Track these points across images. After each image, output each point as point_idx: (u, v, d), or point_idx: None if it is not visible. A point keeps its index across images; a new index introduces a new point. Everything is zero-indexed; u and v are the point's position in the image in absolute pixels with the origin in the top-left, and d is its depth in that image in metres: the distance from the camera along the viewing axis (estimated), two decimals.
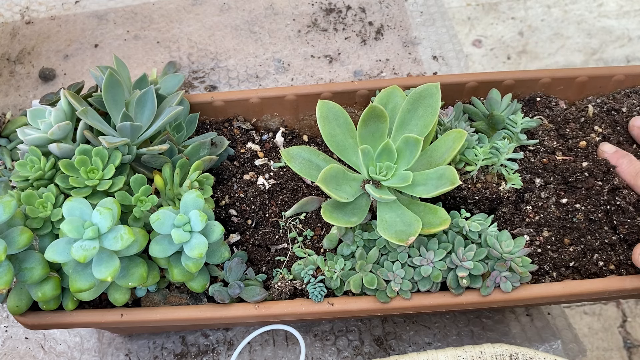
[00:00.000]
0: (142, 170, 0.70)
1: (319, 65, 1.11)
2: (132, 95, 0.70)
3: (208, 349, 0.84)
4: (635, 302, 0.88)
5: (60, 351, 0.85)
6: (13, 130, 0.93)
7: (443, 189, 0.59)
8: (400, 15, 1.18)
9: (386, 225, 0.62)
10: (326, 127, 0.67)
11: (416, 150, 0.61)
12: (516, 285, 0.64)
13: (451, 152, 0.63)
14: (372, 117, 0.64)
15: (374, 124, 0.65)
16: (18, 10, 1.23)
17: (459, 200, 0.70)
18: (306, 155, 0.67)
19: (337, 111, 0.67)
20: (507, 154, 0.68)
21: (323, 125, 0.66)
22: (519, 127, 0.72)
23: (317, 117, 0.66)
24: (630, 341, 0.85)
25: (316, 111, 0.66)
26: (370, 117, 0.64)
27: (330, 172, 0.62)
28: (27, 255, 0.61)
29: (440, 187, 0.60)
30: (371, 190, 0.61)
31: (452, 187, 0.59)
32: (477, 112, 0.76)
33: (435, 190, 0.60)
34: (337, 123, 0.67)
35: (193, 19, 1.19)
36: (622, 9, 1.16)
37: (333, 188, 0.62)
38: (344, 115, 0.67)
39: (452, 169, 0.60)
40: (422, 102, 0.65)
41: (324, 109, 0.67)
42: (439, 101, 0.65)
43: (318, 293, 0.65)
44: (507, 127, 0.74)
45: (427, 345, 0.83)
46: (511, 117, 0.73)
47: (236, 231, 0.73)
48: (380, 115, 0.64)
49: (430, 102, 0.65)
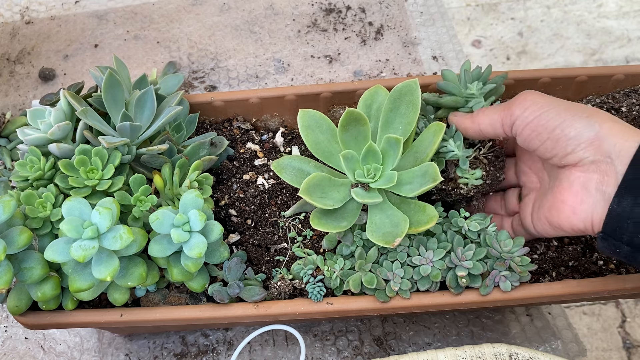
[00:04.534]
0: (142, 170, 0.70)
1: (319, 65, 1.11)
2: (132, 96, 0.70)
3: (208, 349, 0.84)
4: (635, 302, 0.88)
5: (60, 351, 0.85)
6: (13, 130, 0.93)
7: (427, 186, 0.59)
8: (400, 16, 1.18)
9: (375, 227, 0.62)
10: (309, 136, 0.67)
11: (398, 150, 0.61)
12: (516, 285, 0.64)
13: (432, 147, 0.62)
14: (351, 122, 0.64)
15: (355, 128, 0.65)
16: (18, 10, 1.23)
17: (444, 195, 0.69)
18: (296, 165, 0.67)
19: (318, 118, 0.67)
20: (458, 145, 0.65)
21: (306, 134, 0.66)
22: (477, 98, 0.67)
23: (299, 127, 0.66)
24: (629, 341, 0.85)
25: (298, 121, 0.66)
26: (349, 121, 0.64)
27: (313, 182, 0.62)
28: (26, 255, 0.61)
29: (424, 184, 0.60)
30: (355, 195, 0.61)
31: (434, 184, 0.58)
32: (438, 100, 0.72)
33: (419, 189, 0.60)
34: (320, 130, 0.67)
35: (193, 19, 1.19)
36: (622, 9, 1.16)
37: (317, 197, 0.61)
38: (327, 121, 0.67)
39: (434, 165, 0.60)
40: (403, 99, 0.65)
41: (305, 118, 0.67)
42: (419, 97, 0.64)
43: (317, 293, 0.65)
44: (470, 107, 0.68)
45: (427, 346, 0.83)
46: (468, 87, 0.67)
47: (236, 231, 0.74)
48: (359, 119, 0.64)
49: (411, 98, 0.65)
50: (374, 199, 0.61)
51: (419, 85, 0.65)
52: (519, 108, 0.59)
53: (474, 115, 0.64)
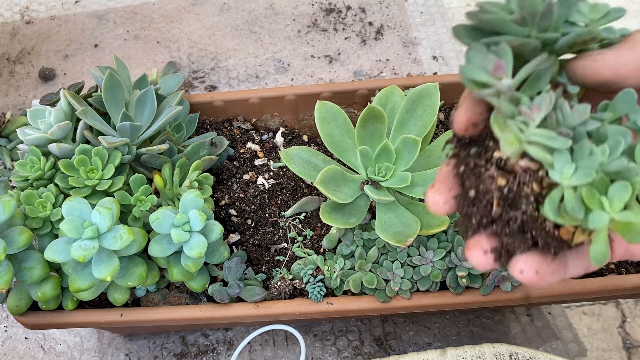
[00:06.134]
0: (142, 170, 0.70)
1: (319, 65, 1.11)
2: (132, 95, 0.70)
3: (208, 349, 0.84)
4: (635, 302, 0.88)
5: (60, 351, 0.85)
6: (13, 130, 0.93)
7: None
8: (400, 16, 1.18)
9: (384, 226, 0.62)
10: (325, 128, 0.67)
11: (415, 151, 0.61)
12: (516, 285, 0.64)
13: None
14: (370, 118, 0.64)
15: (372, 125, 0.65)
16: (18, 10, 1.23)
17: None
18: (305, 156, 0.67)
19: (335, 112, 0.67)
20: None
21: (322, 126, 0.66)
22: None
23: (315, 118, 0.66)
24: (629, 342, 0.85)
25: (315, 112, 0.66)
26: (368, 117, 0.64)
27: (328, 174, 0.62)
28: (26, 255, 0.61)
29: None
30: (369, 192, 0.61)
31: None
32: None
33: None
34: (335, 124, 0.67)
35: (193, 19, 1.19)
36: None
37: (331, 189, 0.62)
38: (343, 115, 0.67)
39: None
40: (421, 102, 0.65)
41: (322, 110, 0.67)
42: (437, 101, 0.65)
43: (317, 293, 0.65)
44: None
45: (427, 346, 0.83)
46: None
47: (236, 231, 0.73)
48: (378, 116, 0.64)
49: (429, 102, 0.65)
50: (386, 196, 0.62)
51: (438, 89, 0.65)
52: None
53: (622, 46, 0.36)
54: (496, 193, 0.34)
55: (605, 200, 0.32)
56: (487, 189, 0.35)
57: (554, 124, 0.33)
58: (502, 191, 0.34)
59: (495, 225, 0.35)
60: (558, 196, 0.32)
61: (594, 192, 0.32)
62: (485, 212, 0.35)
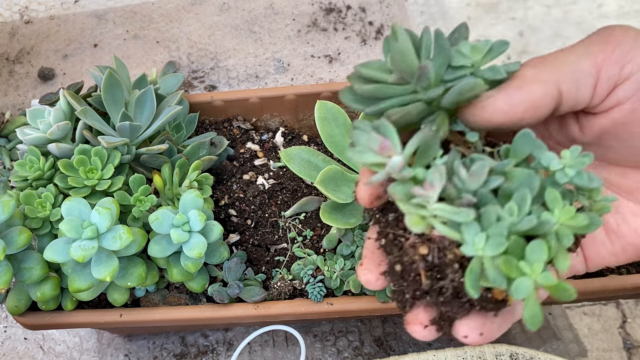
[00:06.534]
0: (142, 170, 0.70)
1: (319, 65, 1.11)
2: (132, 95, 0.70)
3: (208, 349, 0.84)
4: (635, 302, 0.88)
5: (59, 351, 0.85)
6: (12, 130, 0.93)
7: None
8: (400, 15, 1.18)
9: None
10: (325, 128, 0.66)
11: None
12: None
13: None
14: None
15: None
16: (17, 10, 1.23)
17: None
18: (305, 156, 0.67)
19: (335, 111, 0.67)
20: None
21: (322, 125, 0.66)
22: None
23: (315, 118, 0.66)
24: (630, 342, 0.85)
25: (315, 112, 0.66)
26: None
27: (328, 174, 0.62)
28: (26, 255, 0.61)
29: None
30: None
31: None
32: None
33: None
34: (335, 123, 0.67)
35: (193, 19, 1.19)
36: (622, 9, 1.16)
37: (331, 189, 0.61)
38: (343, 115, 0.67)
39: None
40: None
41: (322, 110, 0.67)
42: None
43: (317, 293, 0.65)
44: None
45: (428, 346, 0.83)
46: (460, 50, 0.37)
47: (235, 231, 0.73)
48: None
49: None
50: None
51: None
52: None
53: (510, 86, 0.35)
54: (421, 264, 0.33)
55: (525, 264, 0.30)
56: (412, 259, 0.33)
57: (454, 194, 0.32)
58: (427, 260, 0.33)
59: (429, 297, 0.34)
60: (478, 266, 0.31)
61: (511, 261, 0.30)
62: (415, 286, 0.34)
